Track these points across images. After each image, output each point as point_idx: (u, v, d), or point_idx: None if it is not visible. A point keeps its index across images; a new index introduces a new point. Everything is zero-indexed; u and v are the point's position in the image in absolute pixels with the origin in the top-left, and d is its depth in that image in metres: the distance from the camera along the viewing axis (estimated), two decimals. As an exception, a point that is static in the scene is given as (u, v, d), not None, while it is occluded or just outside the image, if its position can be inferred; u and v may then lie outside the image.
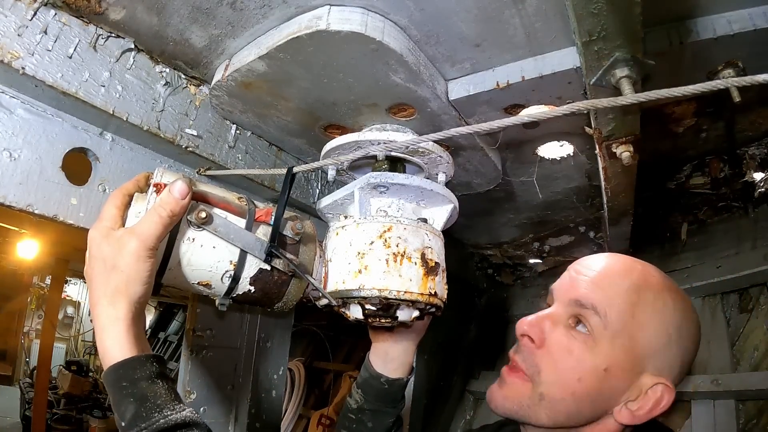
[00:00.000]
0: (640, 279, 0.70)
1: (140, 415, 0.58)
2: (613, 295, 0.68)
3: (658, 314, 0.67)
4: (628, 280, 0.70)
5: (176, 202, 0.67)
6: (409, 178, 0.86)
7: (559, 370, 0.67)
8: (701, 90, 0.54)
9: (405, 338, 0.97)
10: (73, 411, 4.88)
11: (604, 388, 0.66)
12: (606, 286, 0.69)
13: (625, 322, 0.66)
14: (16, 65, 0.72)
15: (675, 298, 0.70)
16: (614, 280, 0.70)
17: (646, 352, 0.66)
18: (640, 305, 0.67)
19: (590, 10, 0.59)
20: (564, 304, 0.72)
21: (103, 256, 0.64)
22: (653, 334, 0.66)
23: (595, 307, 0.67)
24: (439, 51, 0.85)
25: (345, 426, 0.98)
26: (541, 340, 0.70)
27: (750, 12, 0.76)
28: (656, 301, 0.68)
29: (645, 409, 0.65)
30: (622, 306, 0.67)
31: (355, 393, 0.98)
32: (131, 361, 0.61)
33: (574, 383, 0.66)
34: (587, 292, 0.69)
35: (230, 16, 0.79)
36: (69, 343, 8.21)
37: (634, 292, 0.68)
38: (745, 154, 1.40)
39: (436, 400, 2.18)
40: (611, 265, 0.73)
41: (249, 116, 0.99)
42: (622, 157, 0.88)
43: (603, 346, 0.66)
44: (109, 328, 0.62)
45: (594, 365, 0.66)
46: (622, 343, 0.66)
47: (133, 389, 0.59)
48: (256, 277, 0.77)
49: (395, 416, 0.96)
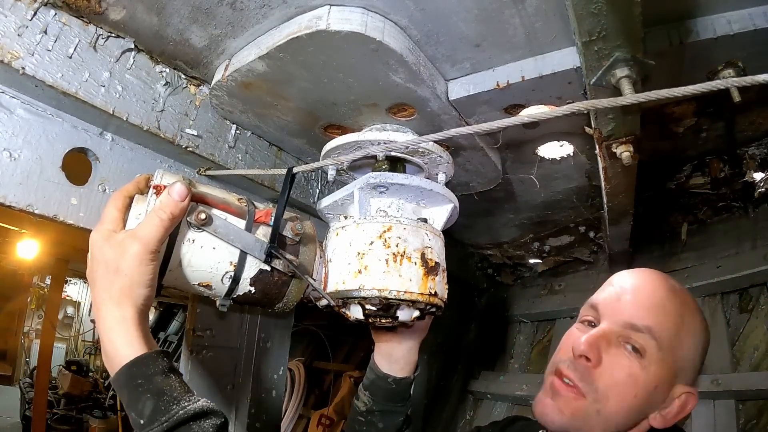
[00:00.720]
0: (683, 301, 0.77)
1: (159, 409, 0.59)
2: (664, 319, 0.74)
3: (694, 333, 0.75)
4: (675, 303, 0.76)
5: (175, 204, 0.67)
6: (408, 178, 0.86)
7: (618, 389, 0.72)
8: (701, 90, 0.54)
9: (408, 338, 0.97)
10: (73, 411, 4.88)
11: (652, 401, 0.73)
12: (659, 310, 0.75)
13: (672, 343, 0.73)
14: (16, 65, 0.72)
15: (702, 316, 0.78)
16: (664, 303, 0.75)
17: (682, 367, 0.74)
18: (684, 326, 0.74)
19: (590, 10, 0.59)
20: (616, 324, 0.75)
21: (106, 260, 0.65)
22: (689, 351, 0.74)
23: (651, 330, 0.73)
24: (439, 51, 0.85)
25: (355, 430, 0.98)
26: (598, 361, 0.73)
27: (750, 12, 0.76)
28: (693, 321, 0.76)
29: (672, 414, 0.74)
30: (671, 329, 0.73)
31: (363, 395, 0.98)
32: (144, 358, 0.61)
33: (630, 399, 0.72)
34: (643, 316, 0.74)
35: (230, 16, 0.79)
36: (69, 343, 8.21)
37: (679, 315, 0.75)
38: (745, 154, 1.40)
39: (436, 400, 2.18)
40: (658, 287, 0.78)
41: (249, 116, 0.99)
42: (622, 157, 0.88)
43: (654, 366, 0.72)
44: (116, 329, 0.63)
45: (646, 383, 0.72)
46: (667, 362, 0.72)
47: (149, 385, 0.60)
48: (256, 278, 0.77)
49: (404, 414, 0.97)
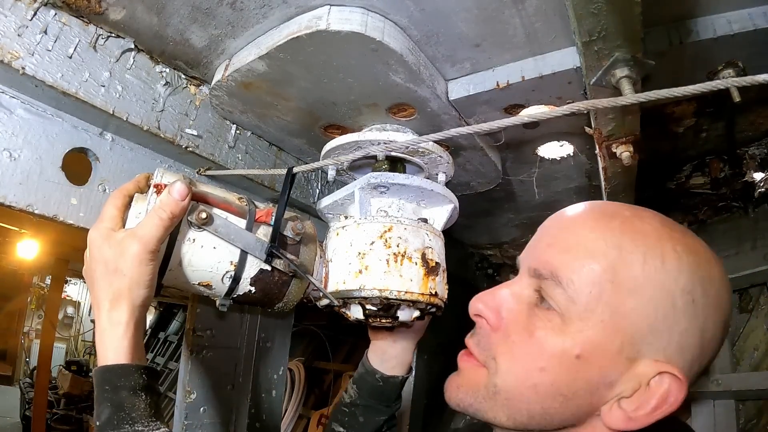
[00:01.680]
0: (623, 228, 0.52)
1: (111, 422, 0.58)
2: (582, 256, 0.51)
3: (655, 274, 0.49)
4: (603, 232, 0.52)
5: (176, 203, 0.67)
6: (409, 178, 0.86)
7: (515, 356, 0.53)
8: (701, 90, 0.54)
9: (404, 338, 0.97)
10: (73, 411, 4.89)
11: (579, 380, 0.50)
12: (571, 244, 0.53)
13: (603, 291, 0.50)
14: (16, 65, 0.72)
15: (684, 249, 0.51)
16: (583, 234, 0.53)
17: (640, 329, 0.49)
18: (624, 264, 0.50)
19: (590, 10, 0.59)
20: (525, 274, 0.57)
21: (105, 259, 0.64)
22: (648, 303, 0.49)
23: (555, 275, 0.52)
24: (439, 51, 0.85)
25: (337, 419, 0.97)
26: (498, 321, 0.56)
27: (750, 12, 0.76)
28: (650, 256, 0.50)
29: (646, 408, 0.48)
30: (595, 269, 0.50)
31: (350, 388, 0.98)
32: (118, 368, 0.61)
33: (535, 374, 0.51)
34: (545, 257, 0.54)
35: (230, 16, 0.79)
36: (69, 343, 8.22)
37: (614, 248, 0.50)
38: (745, 154, 1.40)
39: (436, 400, 2.18)
40: (581, 215, 0.56)
41: (249, 116, 0.99)
42: (622, 157, 0.88)
43: (573, 326, 0.50)
44: (108, 331, 0.62)
45: (561, 350, 0.50)
46: (601, 320, 0.49)
47: (112, 395, 0.59)
48: (256, 278, 0.77)
49: (388, 415, 0.96)
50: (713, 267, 0.53)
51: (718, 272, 0.53)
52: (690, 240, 0.54)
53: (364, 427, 0.95)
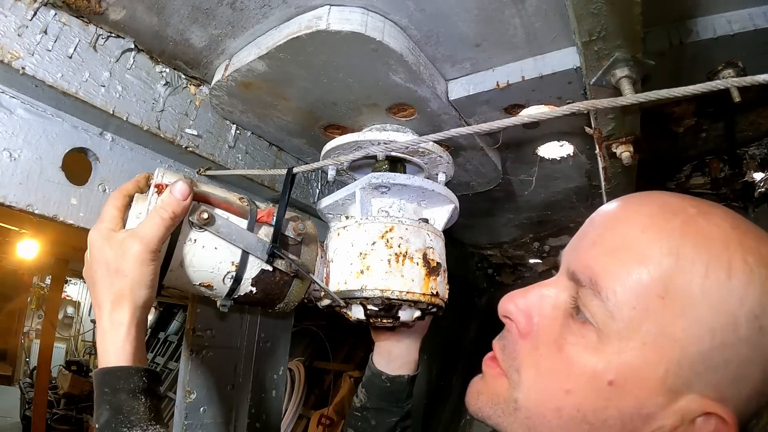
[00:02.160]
0: (684, 230, 0.42)
1: (110, 425, 0.57)
2: (629, 261, 0.43)
3: (717, 291, 0.40)
4: (659, 233, 0.43)
5: (178, 203, 0.67)
6: (411, 178, 0.86)
7: (541, 371, 0.46)
8: (701, 90, 0.54)
9: (407, 337, 0.97)
10: (73, 411, 4.89)
11: (610, 408, 0.42)
12: (618, 246, 0.44)
13: (649, 307, 0.41)
14: (16, 65, 0.72)
15: (758, 261, 0.41)
16: (633, 234, 0.44)
17: (690, 357, 0.40)
18: (680, 276, 0.41)
19: (590, 10, 0.59)
20: (564, 275, 0.50)
21: (106, 260, 0.64)
22: (704, 326, 0.40)
23: (595, 283, 0.44)
24: (439, 51, 0.85)
25: (351, 424, 0.98)
26: (528, 327, 0.49)
27: (750, 12, 0.76)
28: (714, 267, 0.40)
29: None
30: (643, 279, 0.42)
31: (360, 392, 0.99)
32: (118, 371, 0.60)
33: (560, 395, 0.44)
34: (586, 259, 0.46)
35: (230, 16, 0.78)
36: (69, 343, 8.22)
37: (670, 254, 0.41)
38: (745, 154, 1.40)
39: (436, 400, 2.18)
40: (635, 209, 0.47)
41: (249, 116, 0.99)
42: (622, 157, 0.88)
43: (610, 346, 0.42)
44: (109, 333, 0.62)
45: (592, 372, 0.43)
46: (644, 342, 0.41)
47: (111, 398, 0.58)
48: (257, 278, 0.77)
49: (399, 415, 0.96)
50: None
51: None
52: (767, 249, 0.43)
53: (377, 429, 0.95)
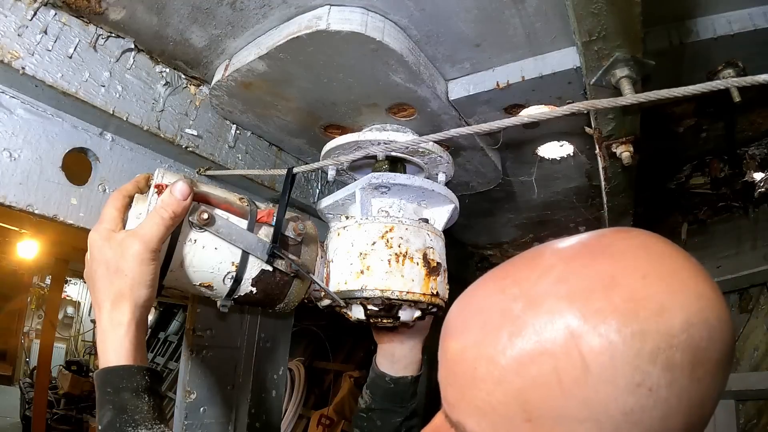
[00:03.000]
0: (516, 335, 0.38)
1: (114, 425, 0.57)
2: (483, 400, 0.39)
3: (579, 391, 0.36)
4: (495, 351, 0.39)
5: (178, 203, 0.67)
6: (411, 178, 0.86)
7: None
8: (701, 90, 0.54)
9: (410, 337, 0.97)
10: (73, 411, 4.89)
11: None
12: (466, 381, 0.41)
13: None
14: (16, 65, 0.72)
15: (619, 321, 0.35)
16: (473, 361, 0.40)
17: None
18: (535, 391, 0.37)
19: (590, 10, 0.59)
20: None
21: (106, 260, 0.64)
22: (591, 423, 0.36)
23: (463, 428, 0.42)
24: (439, 51, 0.85)
25: (357, 425, 0.99)
26: None
27: (750, 12, 0.76)
28: (564, 368, 0.36)
29: None
30: (503, 413, 0.38)
31: (365, 393, 0.99)
32: (120, 370, 0.60)
33: None
34: (447, 404, 0.44)
35: (230, 16, 0.79)
36: (69, 343, 8.22)
37: (513, 371, 0.38)
38: (745, 154, 1.40)
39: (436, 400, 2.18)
40: (471, 322, 0.43)
41: (249, 116, 0.99)
42: (622, 157, 0.88)
43: None
44: (110, 332, 0.62)
45: None
46: None
47: (114, 397, 0.58)
48: (258, 278, 0.77)
49: (404, 415, 0.97)
50: (673, 313, 0.35)
51: (683, 312, 0.36)
52: (622, 294, 0.36)
53: (382, 429, 0.96)
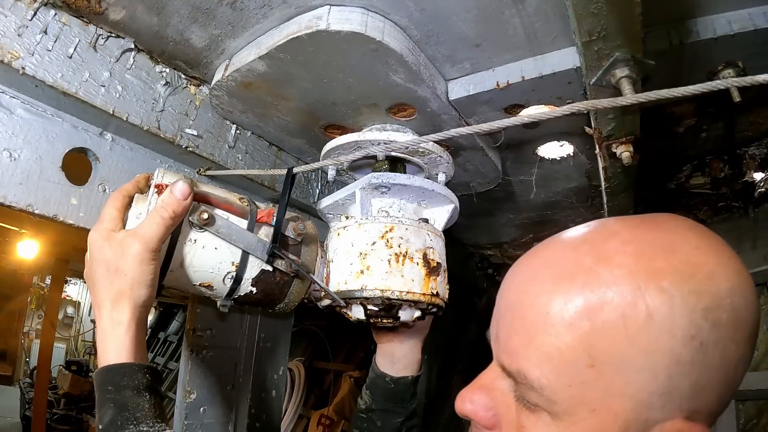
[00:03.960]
0: (586, 287, 0.42)
1: (115, 423, 0.57)
2: (547, 345, 0.42)
3: (642, 336, 0.39)
4: (564, 300, 0.42)
5: (178, 202, 0.67)
6: (411, 178, 0.86)
7: None
8: (701, 90, 0.54)
9: (410, 337, 0.97)
10: (73, 411, 4.89)
11: None
12: (532, 329, 0.43)
13: (584, 381, 0.41)
14: (16, 65, 0.72)
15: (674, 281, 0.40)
16: (542, 310, 0.43)
17: (642, 402, 0.40)
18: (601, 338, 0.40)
19: (590, 10, 0.59)
20: (497, 363, 0.49)
21: (106, 259, 0.64)
22: (642, 373, 0.40)
23: (525, 377, 0.43)
24: (439, 51, 0.85)
25: (356, 425, 0.99)
26: (492, 421, 0.48)
27: (750, 12, 0.76)
28: (630, 315, 0.40)
29: None
30: (566, 359, 0.41)
31: (364, 394, 0.99)
32: (121, 367, 0.60)
33: None
34: (509, 352, 0.46)
35: (230, 16, 0.78)
36: (69, 343, 8.22)
37: (582, 318, 0.41)
38: (745, 154, 1.40)
39: (436, 400, 2.18)
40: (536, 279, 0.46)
41: (249, 116, 0.99)
42: (622, 157, 0.88)
43: (564, 421, 0.42)
44: (109, 332, 0.62)
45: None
46: (592, 409, 0.41)
47: (115, 395, 0.58)
48: (258, 278, 0.77)
49: (404, 416, 0.97)
50: (720, 280, 0.41)
51: (728, 281, 0.41)
52: (680, 258, 0.42)
53: (382, 430, 0.96)
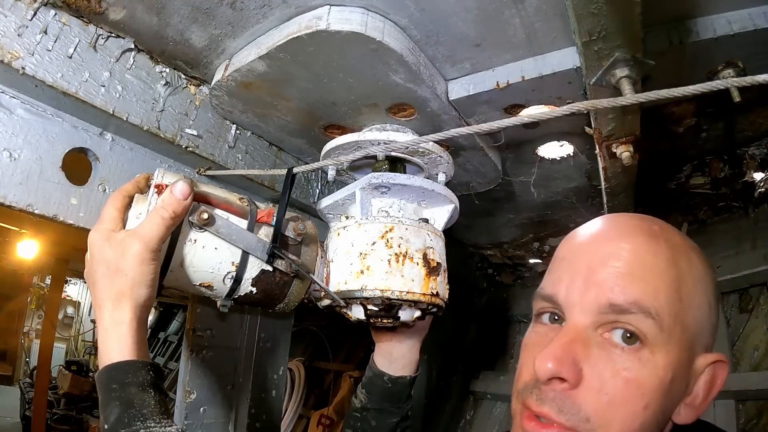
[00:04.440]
0: (668, 245, 0.54)
1: (122, 421, 0.57)
2: (657, 283, 0.51)
3: (699, 283, 0.54)
4: (658, 252, 0.53)
5: (178, 202, 0.67)
6: (411, 178, 0.86)
7: (616, 407, 0.49)
8: (701, 90, 0.54)
9: (408, 337, 0.97)
10: (73, 411, 4.88)
11: (674, 398, 0.52)
12: (641, 271, 0.52)
13: (678, 311, 0.51)
14: (16, 65, 0.72)
15: (699, 253, 0.57)
16: (647, 258, 0.53)
17: (695, 335, 0.53)
18: (683, 280, 0.53)
19: (590, 10, 0.59)
20: (590, 311, 0.52)
21: (106, 259, 0.64)
22: (699, 310, 0.53)
23: (643, 307, 0.50)
24: (439, 51, 0.85)
25: (350, 425, 0.98)
26: (577, 378, 0.50)
27: (750, 12, 0.76)
28: (694, 267, 0.54)
29: (700, 398, 0.54)
30: (671, 293, 0.51)
31: (360, 392, 0.99)
32: (125, 365, 0.60)
33: (641, 414, 0.50)
34: (628, 290, 0.51)
35: (230, 16, 0.78)
36: (69, 343, 8.22)
37: (673, 266, 0.53)
38: (745, 154, 1.40)
39: (436, 400, 2.18)
40: (631, 237, 0.55)
41: (249, 116, 0.99)
42: (622, 157, 0.88)
43: (661, 353, 0.50)
44: (111, 331, 0.62)
45: (659, 382, 0.50)
46: (678, 338, 0.51)
47: (121, 393, 0.58)
48: (258, 278, 0.77)
49: (400, 416, 0.96)
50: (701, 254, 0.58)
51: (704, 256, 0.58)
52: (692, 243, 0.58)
53: (377, 430, 0.95)
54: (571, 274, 0.55)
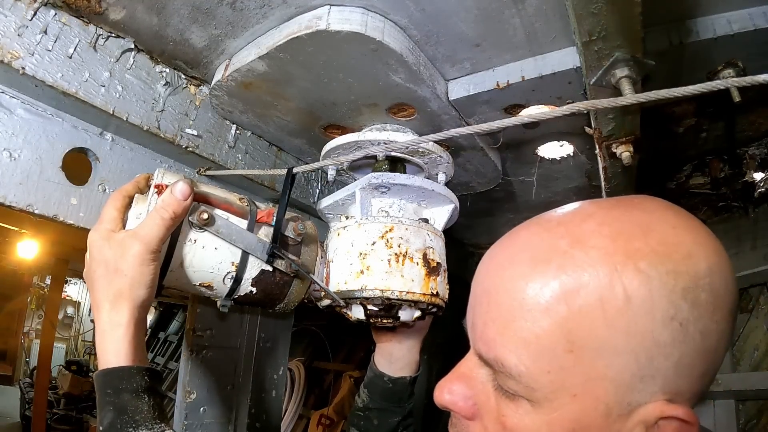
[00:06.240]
0: (561, 270, 0.41)
1: (115, 426, 0.57)
2: (524, 330, 0.42)
3: (620, 319, 0.39)
4: (540, 284, 0.42)
5: (178, 203, 0.67)
6: (411, 178, 0.86)
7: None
8: (701, 90, 0.54)
9: (408, 337, 0.97)
10: (73, 411, 4.89)
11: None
12: (507, 315, 0.43)
13: (562, 366, 0.41)
14: (16, 65, 0.72)
15: (652, 262, 0.40)
16: (517, 295, 0.43)
17: (623, 384, 0.40)
18: (578, 322, 0.40)
19: (590, 10, 0.59)
20: (474, 352, 0.49)
21: (106, 260, 0.64)
22: (623, 355, 0.39)
23: (502, 365, 0.43)
24: (439, 51, 0.85)
25: (354, 423, 0.99)
26: (472, 411, 0.48)
27: (750, 12, 0.76)
28: (607, 298, 0.39)
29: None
30: (544, 345, 0.41)
31: (362, 392, 0.99)
32: (119, 371, 0.60)
33: None
34: (485, 340, 0.45)
35: (230, 16, 0.78)
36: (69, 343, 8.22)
37: (558, 302, 0.41)
38: (745, 154, 1.40)
39: (436, 399, 2.18)
40: (511, 263, 0.45)
41: (249, 116, 0.99)
42: (622, 157, 0.88)
43: (547, 408, 0.42)
44: (108, 333, 0.62)
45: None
46: (573, 394, 0.41)
47: (114, 399, 0.58)
48: (258, 278, 0.77)
49: (401, 415, 0.97)
50: (698, 259, 0.41)
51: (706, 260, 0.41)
52: (657, 238, 0.41)
53: (380, 428, 0.95)
54: (471, 301, 0.51)
